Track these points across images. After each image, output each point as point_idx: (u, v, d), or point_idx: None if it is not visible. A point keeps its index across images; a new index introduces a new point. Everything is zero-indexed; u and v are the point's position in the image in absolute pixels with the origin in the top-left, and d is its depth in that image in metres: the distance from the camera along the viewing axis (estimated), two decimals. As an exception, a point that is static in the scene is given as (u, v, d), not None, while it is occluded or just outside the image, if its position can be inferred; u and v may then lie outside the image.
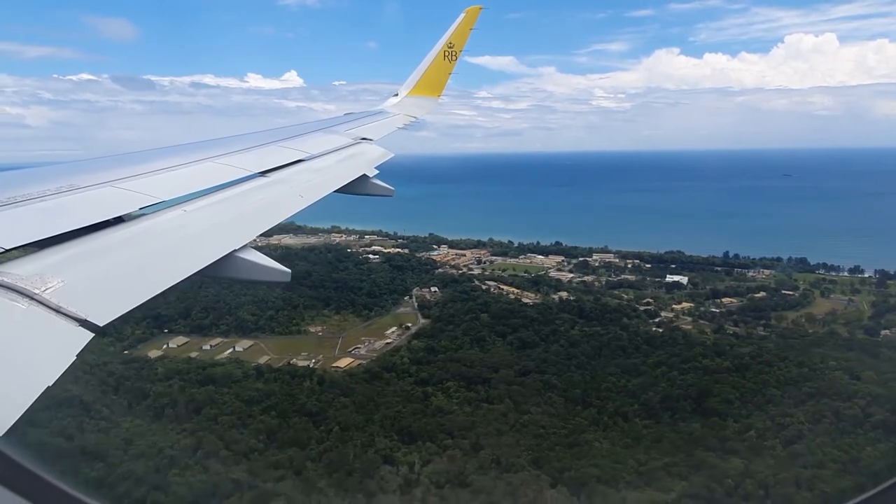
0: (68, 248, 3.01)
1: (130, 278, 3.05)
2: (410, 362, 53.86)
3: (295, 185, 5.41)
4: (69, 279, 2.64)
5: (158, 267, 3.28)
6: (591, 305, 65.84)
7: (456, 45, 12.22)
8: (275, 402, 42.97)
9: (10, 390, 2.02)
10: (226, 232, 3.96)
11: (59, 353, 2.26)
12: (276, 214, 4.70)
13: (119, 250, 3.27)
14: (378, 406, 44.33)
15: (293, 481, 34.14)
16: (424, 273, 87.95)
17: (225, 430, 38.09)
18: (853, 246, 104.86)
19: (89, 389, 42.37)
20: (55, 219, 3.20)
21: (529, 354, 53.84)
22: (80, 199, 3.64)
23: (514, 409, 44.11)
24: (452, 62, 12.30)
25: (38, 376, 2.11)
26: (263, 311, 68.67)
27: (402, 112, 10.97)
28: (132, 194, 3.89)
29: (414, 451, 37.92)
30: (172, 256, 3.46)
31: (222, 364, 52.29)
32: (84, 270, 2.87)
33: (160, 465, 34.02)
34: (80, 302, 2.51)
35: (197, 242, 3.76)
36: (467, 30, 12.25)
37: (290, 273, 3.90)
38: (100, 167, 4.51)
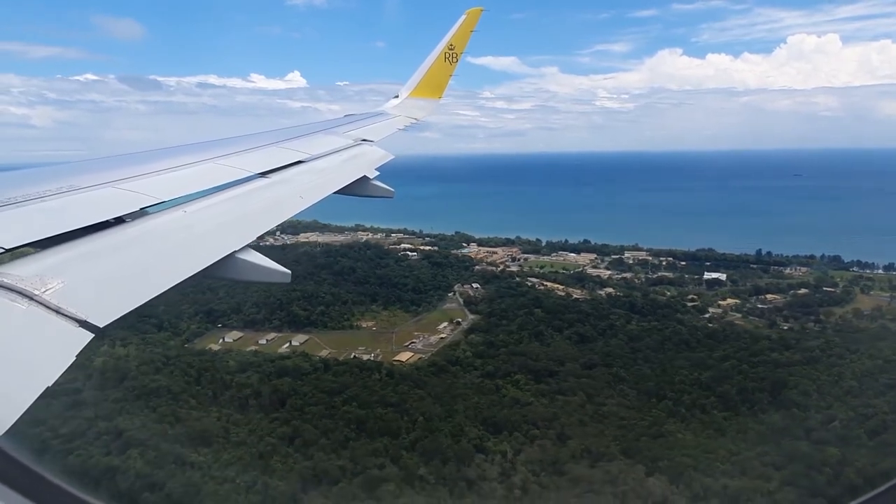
0: (69, 249, 2.99)
1: (130, 279, 3.03)
2: (474, 356, 54.19)
3: (295, 187, 5.41)
4: (69, 280, 2.63)
5: (159, 268, 3.26)
6: (641, 301, 66.09)
7: (457, 47, 12.22)
8: (354, 393, 43.31)
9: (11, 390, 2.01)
10: (226, 233, 3.95)
11: (59, 354, 2.24)
12: (277, 215, 4.68)
13: (119, 251, 3.25)
14: (454, 398, 44.67)
15: (392, 469, 34.52)
16: (463, 270, 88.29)
17: (316, 420, 38.45)
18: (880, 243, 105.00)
19: (174, 380, 42.84)
20: (56, 219, 3.18)
21: (592, 348, 54.16)
22: (81, 199, 3.63)
23: (589, 401, 44.46)
24: (453, 64, 12.31)
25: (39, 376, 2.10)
26: (314, 307, 69.06)
27: (403, 114, 11.02)
28: (133, 195, 3.87)
29: (503, 440, 38.26)
30: (173, 257, 3.44)
31: (289, 357, 52.62)
32: (84, 271, 2.86)
33: (263, 451, 34.39)
34: (80, 303, 2.49)
35: (197, 243, 3.74)
36: (468, 32, 12.26)
37: (290, 274, 3.86)
38: (100, 168, 4.52)
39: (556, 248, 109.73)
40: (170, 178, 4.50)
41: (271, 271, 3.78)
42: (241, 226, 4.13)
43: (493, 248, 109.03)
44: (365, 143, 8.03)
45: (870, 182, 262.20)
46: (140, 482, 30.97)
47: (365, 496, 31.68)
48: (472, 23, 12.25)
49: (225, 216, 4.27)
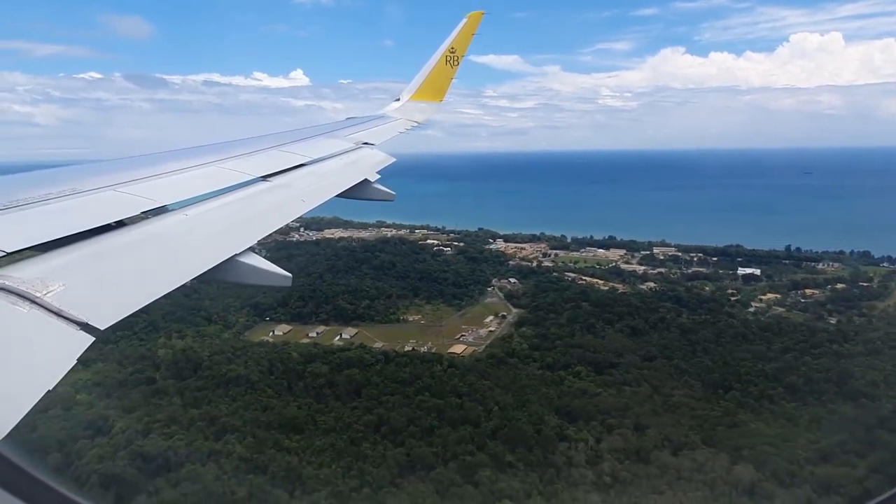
0: (70, 252, 3.00)
1: (131, 282, 3.04)
2: (530, 348, 54.64)
3: (296, 190, 5.41)
4: (70, 283, 2.63)
5: (159, 271, 3.27)
6: (686, 296, 66.55)
7: (458, 50, 12.16)
8: (426, 383, 43.78)
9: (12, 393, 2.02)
10: (227, 236, 3.95)
11: (61, 357, 2.25)
12: (278, 219, 4.69)
13: (120, 254, 3.25)
14: (522, 388, 45.18)
15: (481, 456, 34.99)
16: (498, 265, 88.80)
17: (397, 409, 38.93)
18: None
19: (250, 370, 43.35)
20: (58, 222, 3.18)
21: (647, 340, 54.61)
22: (83, 202, 3.62)
23: (656, 392, 44.91)
24: (454, 67, 12.29)
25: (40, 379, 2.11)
26: (360, 301, 69.55)
27: (404, 117, 11.03)
28: (134, 198, 3.87)
29: (582, 429, 38.73)
30: (174, 260, 3.45)
31: (348, 349, 53.03)
32: (85, 274, 2.87)
33: (354, 437, 34.87)
34: (82, 305, 2.49)
35: (198, 246, 3.74)
36: (469, 35, 12.22)
37: (290, 277, 3.85)
38: (102, 171, 4.53)
39: (582, 244, 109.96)
40: (171, 182, 4.49)
41: (272, 275, 3.76)
42: (243, 229, 4.11)
43: (519, 243, 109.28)
44: (366, 147, 8.05)
45: (878, 180, 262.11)
46: (245, 465, 31.44)
47: (462, 481, 32.17)
48: (473, 26, 12.23)
49: (226, 219, 4.28)
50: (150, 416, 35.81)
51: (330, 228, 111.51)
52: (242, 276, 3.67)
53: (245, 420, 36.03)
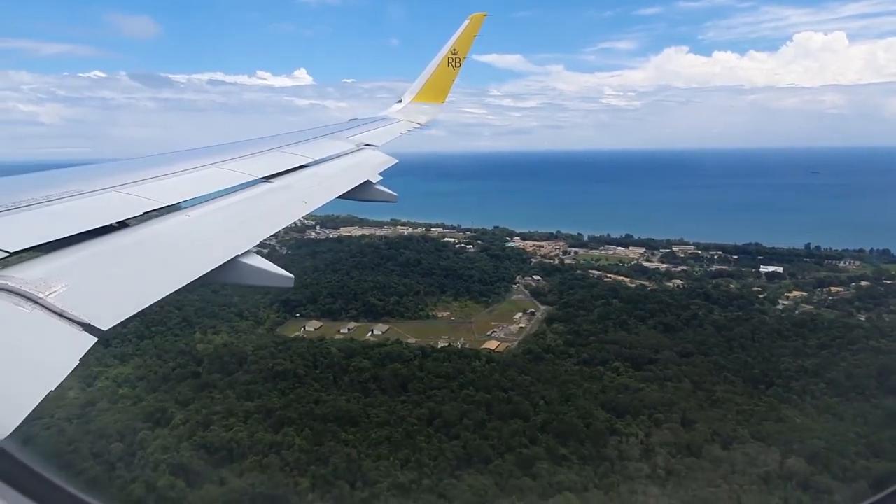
0: (72, 253, 3.00)
1: (134, 283, 3.05)
2: (565, 344, 54.85)
3: (298, 191, 5.40)
4: (73, 283, 2.64)
5: (161, 272, 3.28)
6: (716, 293, 66.73)
7: (460, 52, 12.18)
8: (470, 378, 44.06)
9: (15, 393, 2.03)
10: (229, 237, 3.96)
11: (63, 357, 2.26)
12: (280, 220, 4.71)
13: (122, 255, 3.26)
14: (564, 383, 45.42)
15: (534, 449, 35.25)
16: (521, 262, 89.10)
17: (447, 403, 39.21)
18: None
19: (296, 364, 43.67)
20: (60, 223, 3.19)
21: (683, 337, 54.81)
22: (85, 203, 3.63)
23: (698, 388, 45.10)
24: (456, 69, 12.31)
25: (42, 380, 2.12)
26: (388, 297, 69.85)
27: (407, 118, 11.05)
28: (136, 199, 3.87)
29: (630, 423, 38.96)
30: (175, 261, 3.46)
31: (385, 344, 53.29)
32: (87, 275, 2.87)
33: (409, 431, 35.17)
34: (84, 306, 2.51)
35: (200, 247, 3.75)
36: (471, 37, 12.25)
37: (292, 279, 3.83)
38: (105, 172, 4.55)
39: (600, 243, 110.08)
40: (174, 183, 4.50)
41: (274, 275, 3.75)
42: (245, 230, 4.12)
43: (537, 241, 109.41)
44: (368, 148, 8.06)
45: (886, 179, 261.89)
46: (306, 457, 31.75)
47: (520, 473, 32.46)
48: (475, 28, 12.26)
49: (228, 220, 4.28)
50: (208, 409, 36.16)
51: (346, 226, 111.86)
52: (245, 277, 3.65)
53: (301, 413, 36.38)
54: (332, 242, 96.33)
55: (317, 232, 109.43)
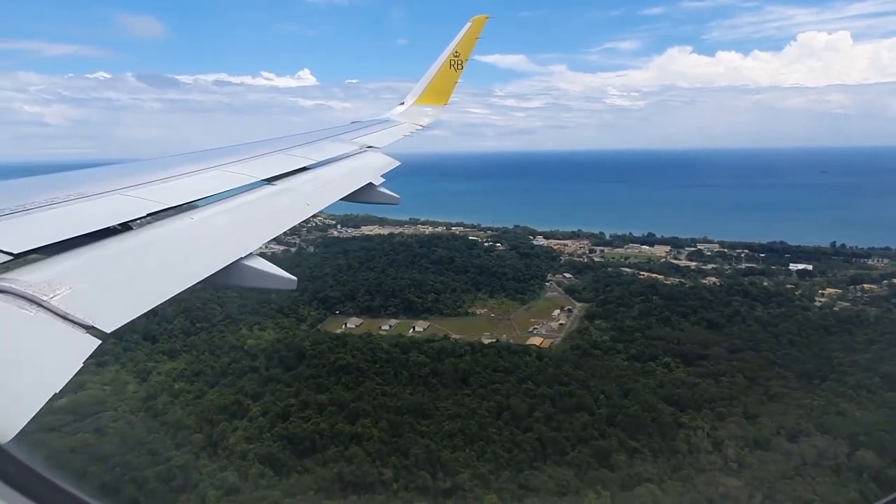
0: (76, 256, 3.01)
1: (137, 285, 3.06)
2: (611, 340, 55.24)
3: (301, 193, 5.39)
4: (76, 286, 2.65)
5: (165, 274, 3.29)
6: (755, 290, 67.00)
7: (462, 54, 12.21)
8: (527, 373, 44.43)
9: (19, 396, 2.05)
10: (232, 240, 3.97)
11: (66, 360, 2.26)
12: (283, 222, 4.71)
13: (126, 257, 3.26)
14: (619, 378, 45.77)
15: (606, 441, 35.59)
16: (550, 260, 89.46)
17: (513, 396, 39.60)
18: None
19: (357, 359, 44.11)
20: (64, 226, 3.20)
21: (729, 333, 55.09)
22: (89, 206, 3.64)
23: (753, 383, 45.36)
24: (458, 71, 12.32)
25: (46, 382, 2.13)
26: (426, 294, 70.26)
27: (409, 120, 11.01)
28: (140, 202, 3.87)
29: (696, 417, 39.28)
30: (179, 264, 3.47)
31: (434, 340, 53.71)
32: (91, 277, 2.88)
33: (483, 422, 35.56)
34: (87, 309, 2.52)
35: (203, 250, 3.76)
36: (473, 39, 12.27)
37: (295, 281, 3.82)
38: (108, 175, 4.56)
39: (624, 241, 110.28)
40: (177, 186, 4.51)
41: (277, 278, 3.76)
42: (248, 233, 4.13)
43: (560, 240, 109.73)
44: (371, 150, 8.06)
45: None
46: (386, 448, 32.18)
47: (598, 465, 32.82)
48: (477, 30, 12.29)
49: (231, 223, 4.29)
50: (283, 402, 36.59)
51: (366, 225, 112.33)
52: (248, 280, 3.66)
53: (374, 406, 36.82)
54: (361, 241, 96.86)
55: (338, 231, 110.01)
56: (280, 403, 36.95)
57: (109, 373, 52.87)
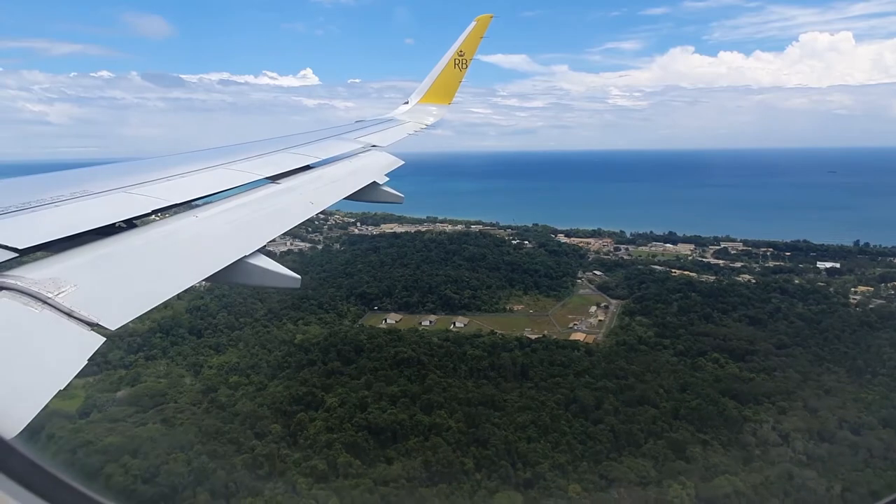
0: (81, 253, 3.02)
1: (141, 283, 3.06)
2: (656, 336, 55.55)
3: (305, 192, 5.38)
4: (82, 283, 2.66)
5: (169, 272, 3.28)
6: (792, 287, 67.37)
7: (466, 54, 12.18)
8: (584, 367, 44.83)
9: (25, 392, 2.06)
10: (236, 238, 3.96)
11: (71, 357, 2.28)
12: (287, 220, 4.69)
13: (131, 255, 3.26)
14: (673, 373, 46.13)
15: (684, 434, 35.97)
16: (579, 258, 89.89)
17: (576, 389, 39.97)
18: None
19: (417, 352, 44.49)
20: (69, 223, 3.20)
21: (774, 329, 55.43)
22: (94, 204, 3.64)
23: (806, 378, 45.74)
24: (463, 70, 12.31)
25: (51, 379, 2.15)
26: (462, 291, 70.63)
27: (413, 119, 11.03)
28: (145, 199, 3.88)
29: (759, 411, 39.64)
30: (183, 261, 3.47)
31: (481, 336, 54.05)
32: (96, 275, 2.89)
33: (554, 414, 35.91)
34: (92, 306, 2.52)
35: (208, 248, 3.75)
36: (478, 39, 12.24)
37: (299, 279, 3.83)
38: (113, 173, 4.58)
39: (647, 240, 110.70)
40: (181, 184, 4.51)
41: (281, 276, 3.77)
42: (252, 231, 4.13)
43: (583, 238, 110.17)
44: (375, 149, 8.03)
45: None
46: (465, 438, 32.56)
47: (674, 456, 33.19)
48: (481, 30, 12.28)
49: (235, 221, 4.29)
50: (356, 393, 36.95)
51: (386, 223, 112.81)
52: (251, 278, 3.66)
53: (445, 397, 37.21)
54: (389, 238, 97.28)
55: (358, 228, 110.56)
56: (354, 395, 37.33)
57: (160, 366, 53.43)
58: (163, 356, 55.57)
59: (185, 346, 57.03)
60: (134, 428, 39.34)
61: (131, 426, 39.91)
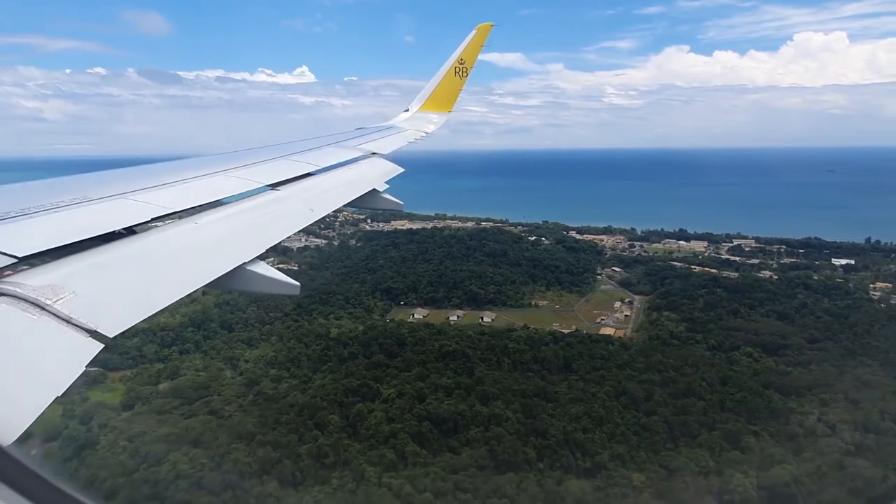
0: (80, 260, 3.02)
1: (140, 290, 3.07)
2: (686, 331, 56.09)
3: (305, 199, 5.40)
4: (80, 290, 2.66)
5: (168, 279, 3.29)
6: (815, 283, 68.16)
7: (467, 62, 12.32)
8: (624, 360, 45.31)
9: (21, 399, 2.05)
10: (236, 245, 3.97)
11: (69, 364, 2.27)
12: (286, 227, 4.70)
13: (130, 262, 3.26)
14: (711, 367, 46.66)
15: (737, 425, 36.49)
16: (596, 254, 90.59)
17: (623, 382, 40.44)
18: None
19: (461, 345, 44.84)
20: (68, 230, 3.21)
21: (802, 324, 56.09)
22: (93, 210, 3.64)
23: (842, 371, 46.38)
24: (463, 78, 12.42)
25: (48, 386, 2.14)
26: (487, 286, 71.00)
27: (414, 127, 11.11)
28: (144, 206, 3.89)
29: (804, 403, 40.23)
30: (182, 268, 3.47)
31: (515, 330, 54.46)
32: (95, 282, 2.89)
33: (608, 406, 36.34)
34: (91, 313, 2.52)
35: (207, 255, 3.75)
36: (478, 47, 12.40)
37: (298, 287, 3.83)
38: (113, 179, 4.59)
39: (659, 237, 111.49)
40: (181, 190, 4.52)
41: (280, 283, 3.77)
42: (251, 238, 4.14)
43: (595, 235, 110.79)
44: (375, 157, 8.09)
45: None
46: (524, 427, 32.95)
47: (729, 447, 33.72)
48: (482, 38, 12.43)
49: (235, 228, 4.31)
50: (411, 385, 37.26)
51: (398, 220, 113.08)
52: (251, 285, 3.67)
53: (500, 389, 37.59)
54: (406, 234, 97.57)
55: (370, 225, 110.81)
56: (409, 386, 37.67)
57: (196, 360, 53.59)
58: (196, 350, 55.75)
59: (217, 340, 57.18)
60: (183, 419, 39.58)
61: (180, 418, 40.14)
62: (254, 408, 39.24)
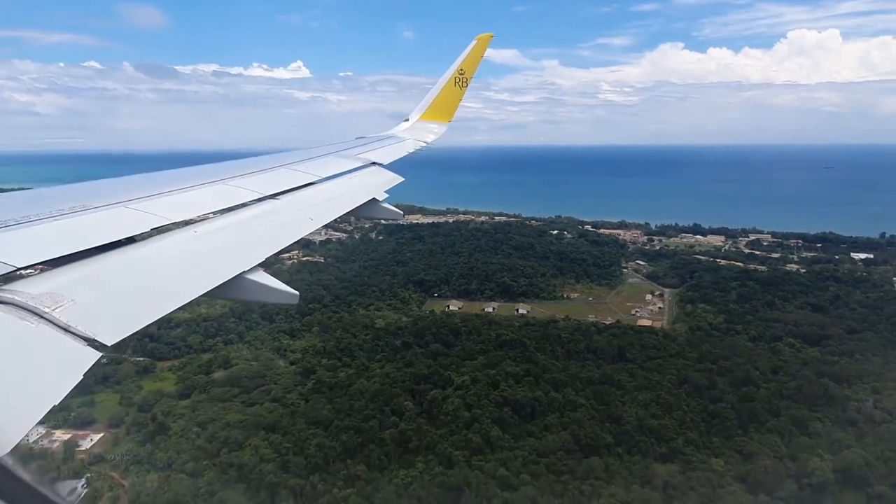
0: (79, 268, 3.03)
1: (139, 299, 3.07)
2: (725, 322, 56.84)
3: (305, 208, 5.43)
4: (79, 299, 2.66)
5: (167, 287, 3.30)
6: (844, 276, 69.11)
7: (467, 72, 12.36)
8: (675, 350, 45.90)
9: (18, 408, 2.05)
10: (235, 254, 3.99)
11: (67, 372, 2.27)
12: (286, 236, 4.70)
13: (129, 270, 3.28)
14: (757, 356, 47.39)
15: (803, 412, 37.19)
16: (619, 248, 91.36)
17: (683, 371, 41.08)
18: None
19: (518, 335, 45.32)
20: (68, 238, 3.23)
21: (838, 315, 56.96)
22: (93, 219, 3.67)
23: (886, 360, 47.23)
24: (463, 88, 12.46)
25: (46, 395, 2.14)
26: (519, 279, 71.51)
27: (414, 137, 11.12)
28: (144, 215, 3.90)
29: (858, 391, 41.02)
30: (181, 277, 3.48)
31: (558, 321, 55.00)
32: (94, 290, 2.90)
33: (675, 393, 36.91)
34: (89, 321, 2.53)
35: (206, 264, 3.76)
36: (478, 57, 12.44)
37: (297, 296, 3.84)
38: (113, 188, 4.63)
39: (674, 231, 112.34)
40: (181, 199, 4.55)
41: (279, 292, 3.78)
42: (251, 247, 4.14)
43: (610, 230, 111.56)
44: (374, 166, 8.10)
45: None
46: (598, 414, 33.42)
47: (798, 433, 34.42)
48: (482, 48, 12.51)
49: (234, 237, 4.32)
50: (481, 372, 37.66)
51: (411, 214, 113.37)
52: (250, 294, 3.68)
53: (567, 376, 38.08)
54: (429, 227, 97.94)
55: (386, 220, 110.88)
56: (480, 373, 38.13)
57: (242, 350, 53.83)
58: (239, 340, 56.00)
59: (259, 330, 57.45)
60: (246, 407, 39.89)
61: (241, 405, 40.44)
62: (317, 395, 39.55)
